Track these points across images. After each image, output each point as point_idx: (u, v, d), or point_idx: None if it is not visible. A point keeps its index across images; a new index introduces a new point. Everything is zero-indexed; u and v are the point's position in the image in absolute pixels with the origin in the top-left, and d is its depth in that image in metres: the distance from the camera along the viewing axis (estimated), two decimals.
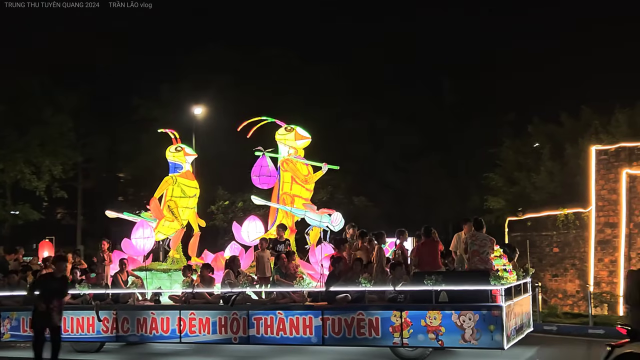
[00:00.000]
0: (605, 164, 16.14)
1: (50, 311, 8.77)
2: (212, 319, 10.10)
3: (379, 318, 9.14)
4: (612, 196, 15.64)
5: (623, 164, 15.84)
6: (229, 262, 10.46)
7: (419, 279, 9.04)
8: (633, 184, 15.51)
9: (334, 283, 9.49)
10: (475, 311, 8.66)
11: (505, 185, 23.95)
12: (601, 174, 16.10)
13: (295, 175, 12.14)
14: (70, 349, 11.51)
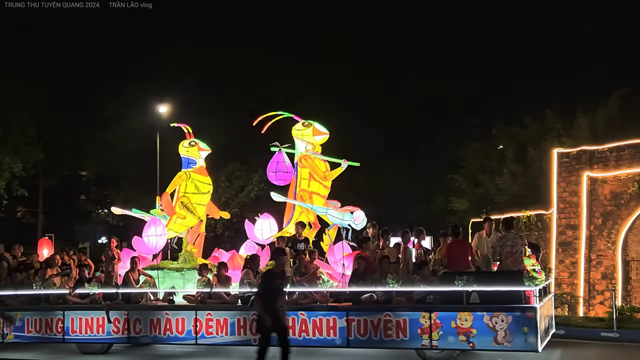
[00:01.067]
0: (566, 166, 16.97)
1: (276, 311, 8.15)
2: (230, 320, 10.06)
3: (407, 319, 9.14)
4: (573, 198, 16.41)
5: (584, 167, 16.66)
6: (248, 261, 10.41)
7: (449, 279, 9.06)
8: (593, 186, 16.28)
9: (359, 283, 9.49)
10: (508, 313, 8.68)
11: (470, 186, 24.80)
12: (563, 177, 16.91)
13: (313, 171, 12.12)
14: (76, 350, 11.49)
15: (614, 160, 16.46)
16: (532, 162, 22.08)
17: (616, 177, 16.37)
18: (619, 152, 16.38)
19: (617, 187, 16.20)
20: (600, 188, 16.38)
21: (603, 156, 16.70)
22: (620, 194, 16.12)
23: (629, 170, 16.07)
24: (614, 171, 16.37)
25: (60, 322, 11.16)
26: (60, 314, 11.20)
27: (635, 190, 15.85)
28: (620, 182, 16.20)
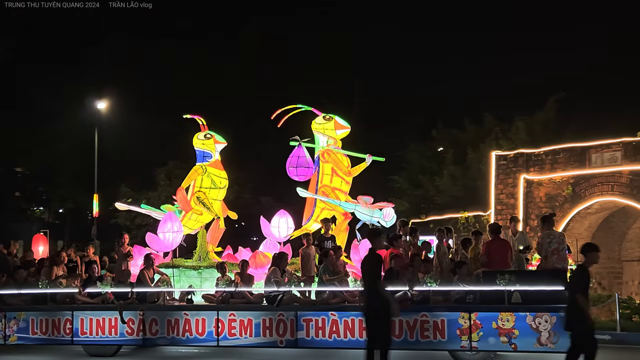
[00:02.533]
0: (504, 169, 18.17)
1: None
2: (255, 321, 9.99)
3: (445, 320, 9.16)
4: (510, 200, 17.58)
5: (521, 170, 17.93)
6: (275, 259, 10.36)
7: (490, 278, 9.10)
8: (530, 189, 17.43)
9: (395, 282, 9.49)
10: (553, 313, 8.74)
11: (410, 188, 26.01)
12: (500, 179, 18.16)
13: (337, 166, 12.11)
14: (83, 353, 11.33)
15: (549, 163, 17.91)
16: (471, 164, 23.55)
17: (551, 180, 17.70)
18: (555, 156, 17.75)
19: (552, 190, 17.50)
20: (536, 190, 17.60)
21: (539, 159, 18.06)
22: (555, 197, 17.35)
23: (563, 173, 17.42)
24: (550, 174, 17.70)
25: (69, 322, 10.98)
26: (68, 314, 11.02)
27: (570, 193, 17.10)
28: (556, 185, 17.46)
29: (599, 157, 17.27)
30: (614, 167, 16.86)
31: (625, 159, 16.80)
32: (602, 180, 17.03)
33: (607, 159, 17.17)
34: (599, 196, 17.09)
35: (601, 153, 17.32)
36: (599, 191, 17.13)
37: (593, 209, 17.45)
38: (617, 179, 16.84)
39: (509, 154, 18.42)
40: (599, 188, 17.08)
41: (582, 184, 17.33)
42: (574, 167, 17.42)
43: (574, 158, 17.49)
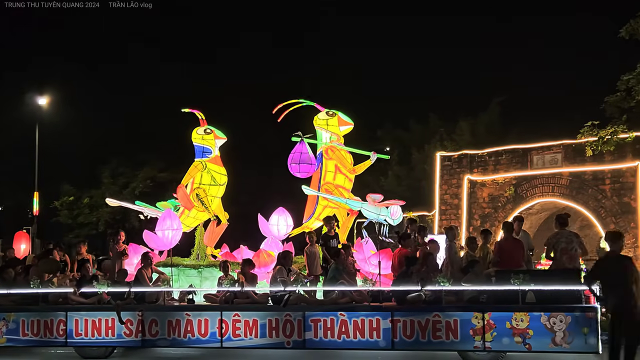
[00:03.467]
0: (448, 169, 18.94)
1: None
2: (260, 321, 9.91)
3: (457, 320, 9.21)
4: (454, 200, 18.38)
5: (465, 171, 18.72)
6: (280, 258, 10.31)
7: (503, 277, 9.19)
8: (473, 189, 18.19)
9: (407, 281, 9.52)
10: (567, 313, 8.85)
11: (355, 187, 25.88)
12: (445, 179, 18.96)
13: (342, 163, 12.11)
14: (75, 355, 11.13)
15: (492, 164, 18.88)
16: (415, 164, 24.73)
17: (494, 181, 18.61)
18: (497, 157, 18.67)
19: (494, 191, 18.40)
20: (479, 191, 18.43)
21: (482, 160, 18.99)
22: (497, 197, 18.21)
23: (506, 175, 18.35)
24: (493, 175, 18.64)
25: (62, 323, 10.75)
26: (62, 314, 10.79)
27: (512, 193, 17.95)
28: (498, 186, 18.32)
29: (540, 159, 18.34)
30: (555, 169, 17.94)
31: (565, 161, 17.88)
32: (543, 182, 18.09)
33: (548, 161, 18.28)
34: (540, 197, 18.11)
35: (542, 155, 18.41)
36: (540, 192, 18.10)
37: (534, 209, 18.40)
38: (558, 181, 17.93)
39: (453, 155, 19.19)
40: (540, 189, 18.10)
41: (523, 185, 18.28)
42: (516, 169, 18.45)
43: (516, 160, 18.51)
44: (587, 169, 17.77)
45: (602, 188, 17.57)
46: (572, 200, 17.95)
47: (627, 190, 17.43)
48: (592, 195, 17.68)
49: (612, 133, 15.85)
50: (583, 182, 17.76)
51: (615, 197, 17.42)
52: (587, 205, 17.76)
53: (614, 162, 17.51)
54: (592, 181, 17.72)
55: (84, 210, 25.48)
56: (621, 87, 16.90)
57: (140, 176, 26.28)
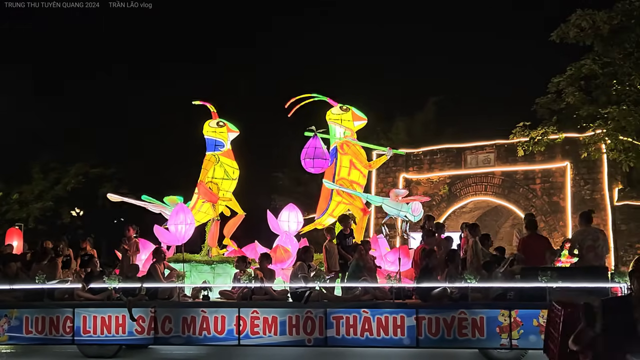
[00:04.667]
0: (384, 168, 19.31)
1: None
2: (280, 318, 9.91)
3: (484, 317, 9.34)
4: None
5: (400, 169, 19.58)
6: (301, 254, 10.32)
7: (530, 275, 9.35)
8: (409, 187, 18.82)
9: (430, 278, 9.63)
10: None
11: (292, 185, 27.54)
12: (380, 177, 19.73)
13: (357, 159, 12.18)
14: (79, 354, 11.00)
15: (427, 163, 19.67)
16: None
17: (429, 180, 19.45)
18: (432, 156, 19.42)
19: (429, 189, 19.17)
20: (414, 189, 19.16)
21: (418, 159, 19.77)
22: (432, 195, 18.82)
23: (440, 173, 19.11)
24: (427, 174, 19.44)
25: (69, 320, 10.61)
26: (69, 311, 10.64)
27: (446, 192, 18.72)
28: (433, 185, 19.10)
29: (474, 159, 19.14)
30: (488, 168, 18.75)
31: (498, 160, 18.70)
32: (477, 181, 18.91)
33: (481, 160, 19.08)
34: (473, 196, 18.88)
35: (476, 154, 19.22)
36: (473, 191, 18.92)
37: (467, 208, 19.14)
38: (490, 180, 18.74)
39: None
40: (473, 188, 18.89)
41: (457, 184, 19.07)
42: (450, 168, 19.23)
43: (451, 159, 19.30)
44: (518, 168, 18.59)
45: (532, 187, 18.44)
46: (504, 199, 18.84)
47: (556, 189, 18.29)
48: (523, 195, 18.48)
49: (543, 134, 16.98)
50: (514, 182, 18.58)
51: (545, 196, 18.29)
52: (518, 204, 18.57)
53: (544, 162, 18.39)
54: (523, 181, 18.54)
55: (13, 206, 25.21)
56: (552, 89, 18.20)
57: (72, 172, 26.16)
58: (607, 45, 17.54)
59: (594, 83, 17.81)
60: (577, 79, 17.78)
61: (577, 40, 17.75)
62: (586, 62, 17.46)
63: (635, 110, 16.43)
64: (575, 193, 17.72)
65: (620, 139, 16.35)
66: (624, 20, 17.24)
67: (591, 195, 17.84)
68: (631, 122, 16.27)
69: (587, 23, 17.39)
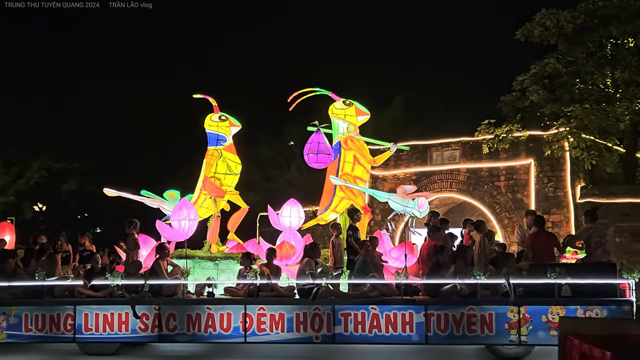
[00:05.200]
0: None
1: None
2: (287, 315, 9.92)
3: (493, 314, 9.43)
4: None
5: None
6: (308, 250, 10.32)
7: (538, 271, 9.46)
8: (375, 184, 19.36)
9: (440, 274, 9.70)
10: (604, 306, 9.19)
11: (261, 181, 28.26)
12: None
13: (361, 154, 12.20)
14: (78, 351, 10.91)
15: (393, 160, 19.88)
16: None
17: (395, 176, 19.89)
18: (399, 153, 19.19)
19: (395, 185, 18.98)
20: (380, 185, 19.59)
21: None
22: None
23: (406, 170, 19.58)
24: (394, 170, 19.85)
25: (70, 318, 10.51)
26: (70, 308, 10.54)
27: None
28: (399, 181, 19.44)
29: (440, 155, 19.61)
30: (453, 165, 19.22)
31: (463, 157, 19.15)
32: (442, 177, 19.40)
33: (446, 157, 19.54)
34: (438, 192, 19.33)
35: (441, 151, 19.69)
36: (438, 188, 19.39)
37: (433, 204, 19.12)
38: (455, 177, 19.21)
39: None
40: (438, 185, 19.36)
41: (423, 181, 19.52)
42: (416, 164, 19.73)
43: (417, 155, 19.75)
44: (483, 165, 18.96)
45: (497, 184, 18.83)
46: (468, 196, 19.27)
47: (520, 187, 18.66)
48: (488, 192, 18.85)
49: (507, 132, 17.72)
50: (479, 179, 18.97)
51: (510, 193, 18.69)
52: (483, 200, 18.95)
53: (509, 160, 18.77)
54: (488, 178, 18.91)
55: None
56: (516, 87, 18.74)
57: (35, 166, 26.07)
58: (570, 44, 18.42)
59: (557, 82, 18.59)
60: (541, 78, 18.58)
61: (542, 39, 18.62)
62: (550, 60, 18.23)
63: (597, 109, 17.13)
64: (539, 190, 18.09)
65: (583, 137, 17.03)
66: (587, 20, 18.04)
67: (554, 192, 18.14)
68: (593, 120, 16.94)
69: (551, 22, 18.16)
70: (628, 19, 17.64)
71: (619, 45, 18.69)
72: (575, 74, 18.26)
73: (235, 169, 12.32)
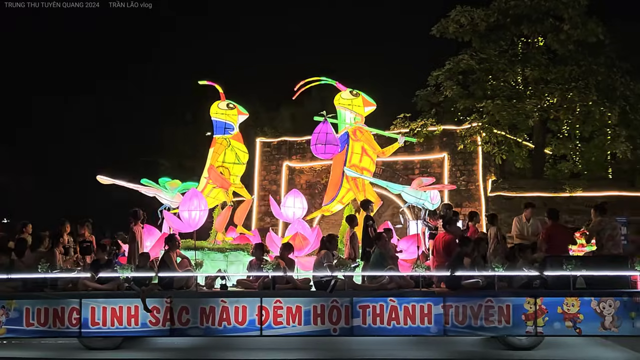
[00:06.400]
0: (268, 156, 20.70)
1: None
2: (304, 308, 10.02)
3: (510, 305, 9.79)
4: (272, 187, 20.07)
5: (284, 157, 20.56)
6: (325, 242, 10.43)
7: (554, 263, 9.86)
8: (292, 176, 19.95)
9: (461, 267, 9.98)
10: (616, 297, 9.66)
11: (175, 171, 28.64)
12: (264, 165, 20.74)
13: (370, 145, 12.34)
14: (79, 346, 10.79)
15: (310, 152, 20.84)
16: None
17: (312, 168, 20.40)
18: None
19: (312, 178, 20.20)
20: (297, 177, 20.16)
21: (301, 147, 20.69)
22: (314, 184, 19.89)
23: (323, 162, 19.66)
24: (310, 162, 20.36)
25: (76, 312, 10.33)
26: (75, 302, 10.36)
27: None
28: (315, 173, 20.10)
29: None
30: None
31: None
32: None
33: None
34: None
35: None
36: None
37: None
38: None
39: (273, 142, 20.83)
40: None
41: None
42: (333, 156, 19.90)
43: None
44: (398, 159, 19.59)
45: (412, 177, 18.94)
46: (384, 188, 19.50)
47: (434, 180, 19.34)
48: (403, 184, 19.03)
49: (422, 126, 18.61)
50: (394, 171, 19.65)
51: None
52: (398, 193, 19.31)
53: (423, 153, 19.60)
54: (403, 170, 19.67)
55: None
56: (431, 82, 19.60)
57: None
58: (484, 42, 19.48)
59: (471, 78, 19.47)
60: (456, 74, 19.51)
61: (457, 35, 19.52)
62: (464, 57, 19.14)
63: (508, 105, 18.09)
64: (452, 183, 18.69)
65: (495, 132, 17.92)
66: (500, 18, 19.13)
67: (467, 185, 18.90)
68: (504, 116, 17.90)
69: (465, 20, 19.09)
70: (538, 18, 18.94)
71: (530, 44, 19.90)
72: (488, 71, 19.19)
73: (243, 158, 12.30)
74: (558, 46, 19.29)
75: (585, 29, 18.94)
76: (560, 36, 18.97)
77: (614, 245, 10.21)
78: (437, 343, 10.71)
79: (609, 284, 9.76)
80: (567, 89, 18.34)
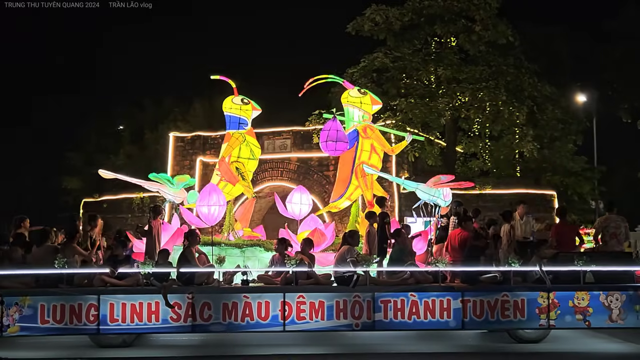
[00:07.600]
0: (181, 150, 21.15)
1: None
2: (327, 303, 10.41)
3: (525, 299, 10.45)
4: None
5: (198, 152, 21.03)
6: (347, 237, 10.81)
7: (565, 259, 10.60)
8: (206, 171, 20.34)
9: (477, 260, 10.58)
10: (622, 292, 10.47)
11: (84, 166, 29.11)
12: (177, 160, 21.18)
13: (380, 143, 12.76)
14: (89, 343, 10.87)
15: None
16: (148, 144, 26.98)
17: None
18: None
19: None
20: (211, 173, 19.90)
21: (216, 142, 21.04)
22: None
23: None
24: None
25: (94, 308, 10.40)
26: (93, 298, 10.42)
27: None
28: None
29: (271, 144, 20.75)
30: (284, 154, 20.50)
31: (294, 146, 20.53)
32: (273, 166, 20.52)
33: (278, 146, 20.79)
34: (269, 181, 20.44)
35: (273, 140, 20.93)
36: (269, 176, 20.51)
37: (264, 192, 20.68)
38: (286, 165, 20.51)
39: (187, 136, 21.12)
40: (269, 173, 20.49)
41: (255, 169, 20.62)
42: None
43: None
44: (313, 155, 20.28)
45: (326, 174, 20.16)
46: (299, 185, 20.27)
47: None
48: (317, 181, 20.14)
49: None
50: (309, 168, 20.26)
51: None
52: (312, 189, 19.24)
53: None
54: (318, 167, 20.31)
55: None
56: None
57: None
58: (398, 40, 20.44)
59: (385, 76, 20.37)
60: (370, 71, 20.28)
61: (372, 33, 20.39)
62: (379, 55, 20.01)
63: (421, 103, 19.07)
64: None
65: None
66: (414, 18, 20.20)
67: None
68: (417, 114, 18.92)
69: (380, 18, 20.00)
70: (451, 19, 19.97)
71: (443, 44, 20.81)
72: (402, 69, 19.97)
73: (257, 153, 12.54)
74: (470, 47, 20.23)
75: (496, 30, 19.98)
76: (472, 37, 19.92)
77: (617, 242, 11.03)
78: (441, 336, 11.27)
79: (615, 279, 10.57)
80: (477, 88, 19.21)
